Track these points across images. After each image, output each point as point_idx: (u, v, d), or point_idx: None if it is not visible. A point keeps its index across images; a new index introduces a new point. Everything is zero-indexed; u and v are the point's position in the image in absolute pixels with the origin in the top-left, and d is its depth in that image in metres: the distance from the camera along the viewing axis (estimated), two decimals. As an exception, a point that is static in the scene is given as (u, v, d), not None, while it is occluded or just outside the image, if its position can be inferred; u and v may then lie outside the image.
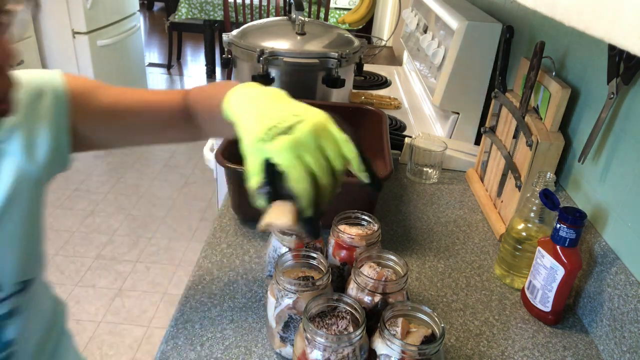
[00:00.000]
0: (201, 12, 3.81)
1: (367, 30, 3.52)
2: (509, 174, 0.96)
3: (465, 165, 1.21)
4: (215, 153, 0.90)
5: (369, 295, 0.64)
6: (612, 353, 0.70)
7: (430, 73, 1.39)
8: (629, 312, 0.68)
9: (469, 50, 1.19)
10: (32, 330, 0.64)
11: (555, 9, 0.37)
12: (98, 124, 0.65)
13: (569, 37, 0.94)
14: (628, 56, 0.71)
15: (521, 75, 0.99)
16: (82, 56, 3.09)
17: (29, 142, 0.58)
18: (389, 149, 0.96)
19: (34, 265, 0.62)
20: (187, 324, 0.72)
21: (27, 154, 0.57)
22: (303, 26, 1.19)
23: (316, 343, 0.56)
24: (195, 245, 2.46)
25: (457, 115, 1.28)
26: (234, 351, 0.68)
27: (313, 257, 0.67)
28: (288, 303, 0.62)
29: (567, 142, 0.90)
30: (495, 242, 0.96)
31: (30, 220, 0.59)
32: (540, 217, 0.80)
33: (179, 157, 3.25)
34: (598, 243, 0.77)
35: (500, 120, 1.06)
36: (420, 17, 1.62)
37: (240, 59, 1.21)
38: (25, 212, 0.58)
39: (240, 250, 0.88)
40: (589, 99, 0.86)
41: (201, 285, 0.80)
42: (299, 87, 1.21)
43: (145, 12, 6.98)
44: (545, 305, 0.76)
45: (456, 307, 0.80)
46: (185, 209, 2.74)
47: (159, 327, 1.99)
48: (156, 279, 2.23)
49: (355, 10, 3.40)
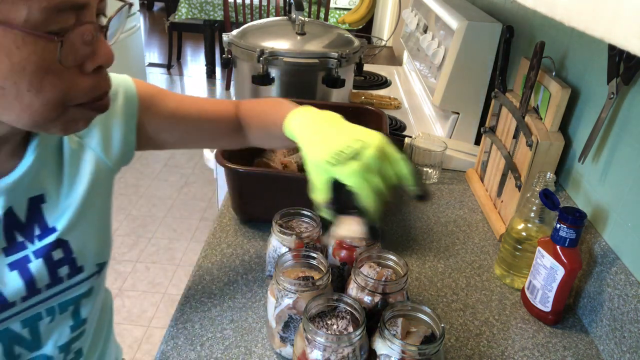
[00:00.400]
0: (201, 12, 3.81)
1: (367, 30, 3.52)
2: (509, 174, 0.96)
3: (465, 165, 1.21)
4: (215, 153, 0.90)
5: (369, 295, 0.64)
6: (612, 353, 0.70)
7: (430, 73, 1.39)
8: (629, 312, 0.68)
9: (469, 50, 1.19)
10: (97, 313, 0.71)
11: (555, 9, 0.37)
12: (161, 126, 0.71)
13: (569, 37, 0.94)
14: (628, 56, 0.71)
15: (521, 75, 0.99)
16: (82, 56, 3.08)
17: (105, 138, 0.64)
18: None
19: (108, 248, 0.68)
20: (187, 324, 0.72)
21: (103, 148, 0.64)
22: (303, 26, 1.19)
23: (316, 343, 0.56)
24: (195, 245, 2.46)
25: (457, 115, 1.28)
26: (234, 351, 0.68)
27: (313, 257, 0.67)
28: (288, 303, 0.62)
29: (567, 142, 0.90)
30: (495, 242, 0.96)
31: (105, 207, 0.66)
32: (540, 217, 0.80)
33: (179, 157, 3.25)
34: (598, 243, 0.77)
35: (500, 120, 1.06)
36: (420, 17, 1.62)
37: (240, 59, 1.21)
38: (103, 200, 0.65)
39: (240, 250, 0.88)
40: (589, 99, 0.86)
41: (201, 285, 0.80)
42: (299, 87, 1.21)
43: (145, 12, 6.97)
44: (545, 305, 0.76)
45: (456, 307, 0.80)
46: (185, 209, 2.74)
47: (159, 327, 1.99)
48: (156, 279, 2.23)
49: (355, 10, 3.40)
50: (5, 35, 0.41)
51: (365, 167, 0.56)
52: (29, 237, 0.57)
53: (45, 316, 0.60)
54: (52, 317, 0.61)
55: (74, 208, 0.60)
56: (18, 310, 0.57)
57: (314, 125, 0.63)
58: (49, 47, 0.43)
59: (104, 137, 0.64)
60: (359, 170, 0.56)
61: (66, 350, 0.65)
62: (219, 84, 4.59)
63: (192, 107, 0.73)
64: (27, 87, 0.44)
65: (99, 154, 0.63)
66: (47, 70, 0.44)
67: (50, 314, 0.61)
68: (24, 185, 0.55)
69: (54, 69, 0.45)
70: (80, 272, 0.62)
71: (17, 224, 0.56)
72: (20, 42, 0.42)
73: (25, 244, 0.57)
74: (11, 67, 0.43)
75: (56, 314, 0.61)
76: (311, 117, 0.64)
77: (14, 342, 0.59)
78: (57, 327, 0.63)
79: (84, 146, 0.62)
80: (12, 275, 0.55)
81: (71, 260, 0.60)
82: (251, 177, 0.90)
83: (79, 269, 0.62)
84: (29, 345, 0.60)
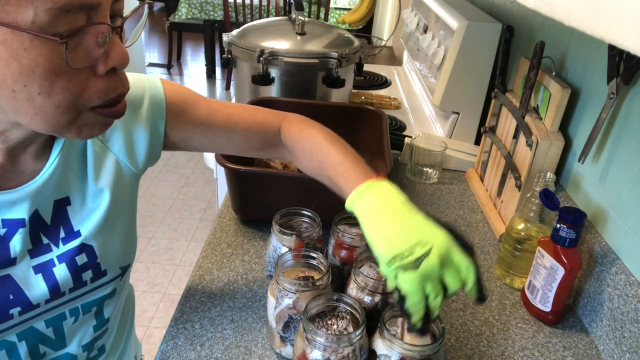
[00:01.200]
0: (201, 12, 3.81)
1: (367, 30, 3.51)
2: (509, 174, 0.96)
3: (465, 165, 1.21)
4: (216, 153, 0.90)
5: (369, 295, 0.64)
6: (612, 353, 0.70)
7: (430, 73, 1.39)
8: (629, 312, 0.68)
9: (469, 50, 1.19)
10: (120, 312, 0.72)
11: (555, 9, 0.37)
12: (189, 134, 0.69)
13: (569, 37, 0.94)
14: (628, 56, 0.71)
15: (521, 75, 0.99)
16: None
17: (128, 143, 0.63)
18: (389, 149, 0.96)
19: (132, 252, 0.67)
20: (187, 324, 0.72)
21: (127, 153, 0.63)
22: (303, 26, 1.19)
23: (316, 343, 0.56)
24: (195, 245, 2.46)
25: (457, 115, 1.28)
26: (234, 351, 0.68)
27: (313, 257, 0.67)
28: (288, 303, 0.62)
29: (567, 142, 0.90)
30: (495, 242, 0.96)
31: (129, 211, 0.65)
32: (540, 217, 0.80)
33: (179, 157, 3.25)
34: (598, 243, 0.77)
35: (500, 120, 1.06)
36: (420, 17, 1.62)
37: (240, 59, 1.21)
38: (127, 203, 0.64)
39: (240, 250, 0.88)
40: (589, 99, 0.86)
41: (201, 285, 0.80)
42: (299, 87, 1.21)
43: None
44: (545, 305, 0.76)
45: (456, 307, 0.80)
46: (185, 209, 2.74)
47: (159, 327, 1.99)
48: (156, 279, 2.23)
49: (355, 10, 3.40)
50: (13, 37, 0.41)
51: (422, 277, 0.53)
52: (54, 240, 0.57)
53: (69, 317, 0.61)
54: (75, 317, 0.61)
55: (100, 212, 0.60)
56: (42, 311, 0.57)
57: (377, 212, 0.58)
58: (58, 49, 0.42)
59: (127, 143, 0.63)
60: (416, 281, 0.53)
61: (89, 349, 0.66)
62: (219, 84, 4.59)
63: (224, 118, 0.70)
64: (37, 89, 0.43)
65: (121, 159, 0.62)
66: (57, 73, 0.43)
67: (74, 314, 0.61)
68: (50, 188, 0.55)
69: (64, 72, 0.44)
70: (104, 276, 0.62)
71: (42, 226, 0.56)
72: (27, 44, 0.41)
73: (50, 247, 0.57)
74: (20, 70, 0.42)
75: (80, 315, 0.62)
76: (378, 201, 0.59)
77: (39, 341, 0.59)
78: (80, 327, 0.63)
79: (107, 150, 0.61)
80: (36, 279, 0.55)
81: (95, 265, 0.60)
82: (251, 177, 0.90)
83: (102, 273, 0.61)
84: (54, 344, 0.61)
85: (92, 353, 0.67)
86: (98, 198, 0.60)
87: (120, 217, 0.63)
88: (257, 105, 0.77)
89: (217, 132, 0.70)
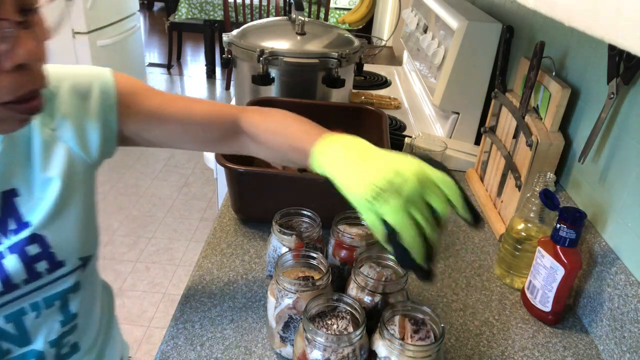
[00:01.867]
0: (201, 12, 3.81)
1: (367, 30, 3.51)
2: (509, 174, 0.96)
3: (465, 165, 1.21)
4: (215, 153, 0.90)
5: (369, 295, 0.64)
6: (612, 353, 0.70)
7: (430, 73, 1.39)
8: (629, 312, 0.68)
9: (469, 50, 1.19)
10: (90, 307, 0.70)
11: (555, 9, 0.37)
12: (142, 125, 0.68)
13: (569, 37, 0.94)
14: (628, 56, 0.71)
15: (521, 75, 0.99)
16: (82, 56, 3.08)
17: (80, 132, 0.62)
18: (389, 149, 0.96)
19: (93, 243, 0.67)
20: (187, 324, 0.72)
21: (78, 142, 0.62)
22: (303, 26, 1.19)
23: (316, 343, 0.56)
24: (195, 245, 2.46)
25: (457, 115, 1.28)
26: (234, 351, 0.68)
27: (313, 257, 0.67)
28: (288, 303, 0.62)
29: (567, 142, 0.90)
30: (495, 242, 0.96)
31: (87, 201, 0.64)
32: (540, 217, 0.80)
33: (179, 157, 3.25)
34: (598, 243, 0.77)
35: (500, 120, 1.06)
36: (420, 17, 1.62)
37: (240, 59, 1.21)
38: (83, 194, 0.63)
39: (240, 250, 0.88)
40: (589, 99, 0.86)
41: (201, 285, 0.80)
42: (299, 87, 1.21)
43: (145, 12, 6.97)
44: (545, 305, 0.76)
45: (456, 307, 0.80)
46: (185, 209, 2.74)
47: (159, 327, 1.99)
48: (156, 279, 2.23)
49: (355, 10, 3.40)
50: None
51: (406, 202, 0.52)
52: (3, 232, 0.57)
53: (30, 311, 0.60)
54: (37, 312, 0.61)
55: (49, 202, 0.59)
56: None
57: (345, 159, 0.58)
58: None
59: (78, 131, 0.62)
60: (401, 208, 0.52)
61: (58, 345, 0.65)
62: (219, 84, 4.59)
63: (179, 108, 0.69)
64: None
65: (73, 148, 0.61)
66: None
67: (35, 309, 0.60)
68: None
69: None
70: (61, 267, 0.61)
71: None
72: None
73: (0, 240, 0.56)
74: None
75: (42, 309, 0.61)
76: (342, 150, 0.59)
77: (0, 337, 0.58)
78: (45, 322, 0.62)
79: (56, 138, 0.60)
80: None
81: (49, 255, 0.59)
82: (251, 177, 0.90)
83: (59, 264, 0.60)
84: (16, 340, 0.60)
85: (63, 350, 0.66)
86: (47, 187, 0.59)
87: (74, 206, 0.61)
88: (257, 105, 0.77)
89: (173, 124, 0.69)
